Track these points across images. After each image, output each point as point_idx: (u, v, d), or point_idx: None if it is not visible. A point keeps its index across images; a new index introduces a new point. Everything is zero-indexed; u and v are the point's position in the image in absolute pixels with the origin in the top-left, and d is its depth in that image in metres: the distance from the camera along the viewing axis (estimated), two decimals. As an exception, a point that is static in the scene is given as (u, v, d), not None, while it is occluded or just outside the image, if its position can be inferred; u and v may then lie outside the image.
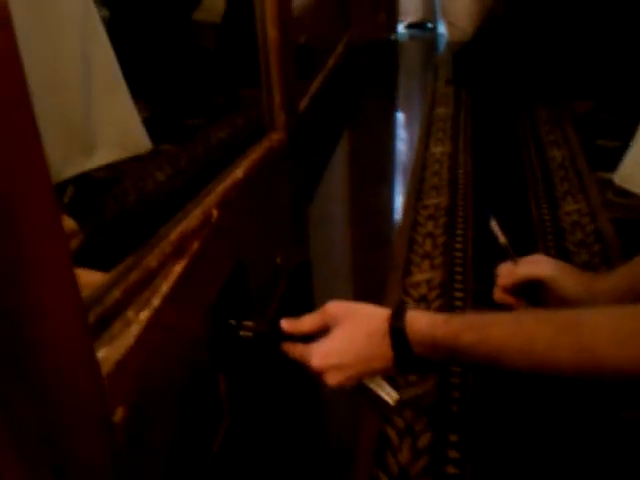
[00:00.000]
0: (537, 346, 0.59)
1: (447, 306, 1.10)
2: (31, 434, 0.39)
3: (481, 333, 0.61)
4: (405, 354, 0.66)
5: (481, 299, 1.11)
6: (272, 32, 0.84)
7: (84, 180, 1.46)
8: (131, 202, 1.56)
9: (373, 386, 0.73)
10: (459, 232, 1.36)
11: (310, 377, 0.71)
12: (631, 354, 0.54)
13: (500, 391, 0.88)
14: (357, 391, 0.72)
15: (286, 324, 0.74)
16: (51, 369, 0.40)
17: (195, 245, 0.69)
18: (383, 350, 0.67)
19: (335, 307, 0.71)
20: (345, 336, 0.69)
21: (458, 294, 1.13)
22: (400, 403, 0.71)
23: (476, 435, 0.82)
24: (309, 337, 0.73)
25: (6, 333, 0.36)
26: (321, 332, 0.72)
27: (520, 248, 1.25)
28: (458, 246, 1.30)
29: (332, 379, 0.69)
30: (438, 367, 0.90)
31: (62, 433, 0.41)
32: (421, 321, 0.65)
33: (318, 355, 0.69)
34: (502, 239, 0.88)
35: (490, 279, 0.91)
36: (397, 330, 0.66)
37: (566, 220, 1.39)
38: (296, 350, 0.72)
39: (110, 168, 1.55)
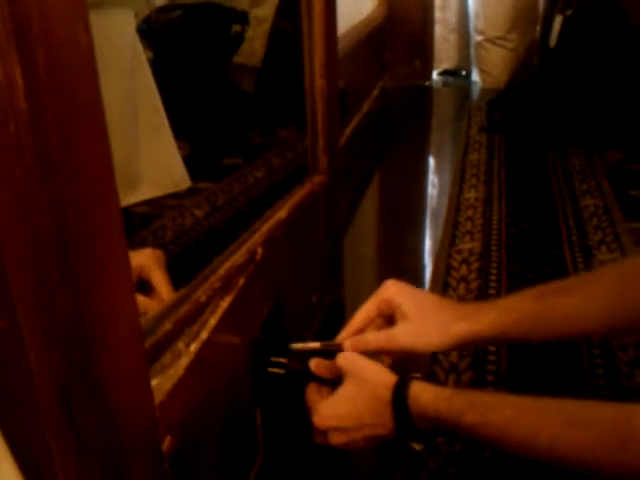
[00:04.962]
0: (540, 438, 0.56)
1: (482, 355, 1.10)
2: (92, 451, 0.41)
3: (484, 416, 0.59)
4: (406, 426, 0.65)
5: (516, 348, 1.10)
6: (319, 82, 0.88)
7: (125, 215, 1.51)
8: (169, 238, 1.60)
9: None
10: (492, 277, 1.36)
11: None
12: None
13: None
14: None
15: (313, 365, 0.74)
16: (114, 391, 0.42)
17: (241, 281, 0.71)
18: (385, 419, 0.65)
19: (343, 360, 0.70)
20: (347, 398, 0.68)
21: (491, 339, 1.13)
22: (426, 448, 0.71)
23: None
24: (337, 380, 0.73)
25: (78, 356, 0.38)
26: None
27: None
28: (492, 292, 1.30)
29: (334, 439, 0.68)
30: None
31: (120, 453, 0.43)
32: (424, 395, 0.63)
33: (319, 414, 0.68)
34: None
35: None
36: (399, 402, 0.64)
37: (601, 269, 1.39)
38: (309, 398, 0.72)
39: (150, 204, 1.60)
